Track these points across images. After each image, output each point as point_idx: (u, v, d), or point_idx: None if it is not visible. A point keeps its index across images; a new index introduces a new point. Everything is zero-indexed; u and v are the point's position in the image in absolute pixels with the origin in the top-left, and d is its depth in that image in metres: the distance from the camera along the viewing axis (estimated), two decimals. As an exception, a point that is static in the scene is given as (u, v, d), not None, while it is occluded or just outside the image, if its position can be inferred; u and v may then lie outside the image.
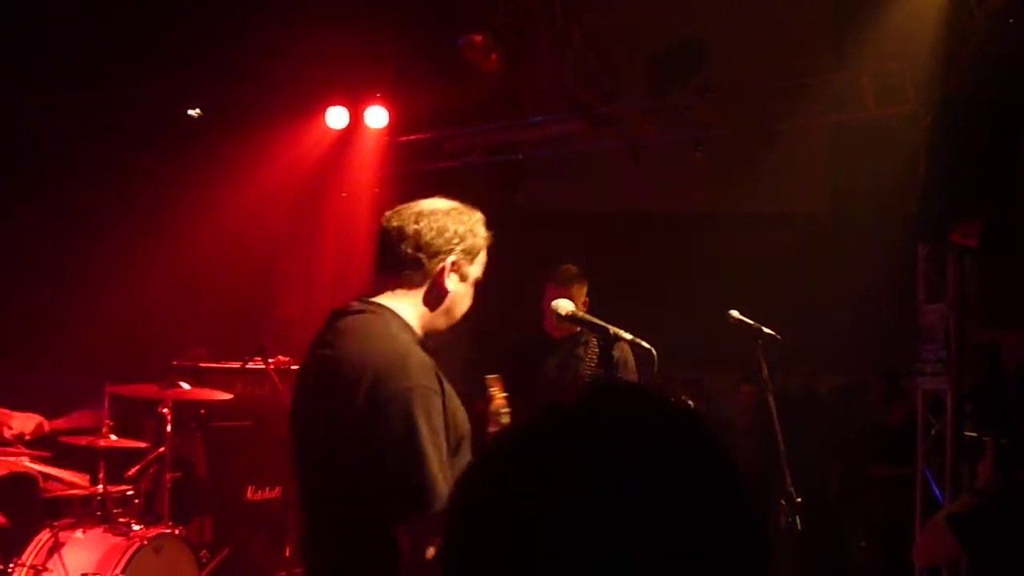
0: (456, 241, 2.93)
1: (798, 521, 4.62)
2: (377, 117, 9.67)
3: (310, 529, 3.01)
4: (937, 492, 7.15)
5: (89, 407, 6.44)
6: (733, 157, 9.52)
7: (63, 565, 5.59)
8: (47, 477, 6.19)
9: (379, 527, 2.77)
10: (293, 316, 8.82)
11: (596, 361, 5.43)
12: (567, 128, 9.64)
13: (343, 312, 2.95)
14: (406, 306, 2.95)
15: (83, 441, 6.05)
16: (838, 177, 10.21)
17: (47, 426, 6.35)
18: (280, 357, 7.06)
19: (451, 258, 2.93)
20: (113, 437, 6.04)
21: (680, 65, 8.74)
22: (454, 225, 2.94)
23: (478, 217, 3.04)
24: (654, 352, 3.91)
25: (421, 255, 2.92)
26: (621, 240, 10.28)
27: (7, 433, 6.02)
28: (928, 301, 7.36)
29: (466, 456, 2.86)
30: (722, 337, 5.28)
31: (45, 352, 7.72)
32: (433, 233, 2.92)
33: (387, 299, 2.95)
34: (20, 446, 6.20)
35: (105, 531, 5.77)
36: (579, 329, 5.44)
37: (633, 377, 5.51)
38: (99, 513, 5.91)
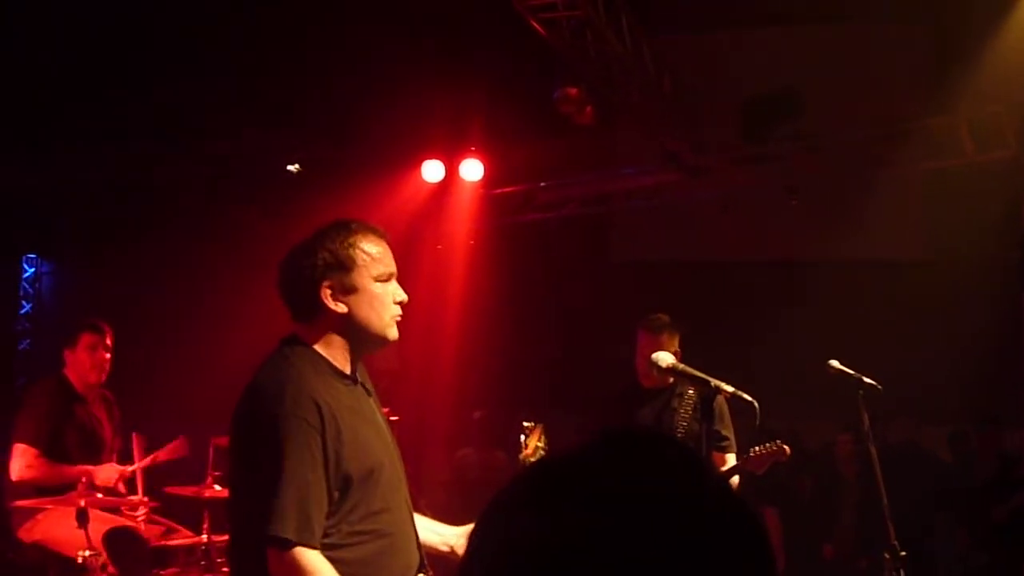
0: (318, 270, 3.01)
1: (902, 575, 4.53)
2: (472, 170, 9.79)
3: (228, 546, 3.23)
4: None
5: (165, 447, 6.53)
6: (829, 204, 9.42)
7: (169, 613, 5.70)
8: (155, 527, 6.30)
9: (256, 549, 2.84)
10: (390, 368, 8.90)
11: (691, 413, 5.37)
12: (660, 179, 9.66)
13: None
14: (319, 339, 3.07)
15: (188, 491, 6.16)
16: (937, 223, 10.01)
17: (128, 471, 6.43)
18: (379, 409, 7.08)
19: (325, 284, 3.01)
20: (217, 488, 6.14)
21: (774, 112, 8.71)
22: (306, 259, 3.03)
23: (331, 228, 3.09)
24: (756, 405, 3.88)
25: (302, 298, 3.05)
26: (717, 290, 10.20)
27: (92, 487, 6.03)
28: (1034, 349, 7.20)
29: (368, 496, 2.95)
30: (821, 387, 5.22)
31: (151, 401, 7.87)
32: (295, 277, 3.04)
33: (304, 335, 3.08)
34: (125, 494, 6.31)
35: (209, 580, 5.86)
36: (672, 380, 5.36)
37: (729, 430, 5.46)
38: (203, 563, 5.98)
